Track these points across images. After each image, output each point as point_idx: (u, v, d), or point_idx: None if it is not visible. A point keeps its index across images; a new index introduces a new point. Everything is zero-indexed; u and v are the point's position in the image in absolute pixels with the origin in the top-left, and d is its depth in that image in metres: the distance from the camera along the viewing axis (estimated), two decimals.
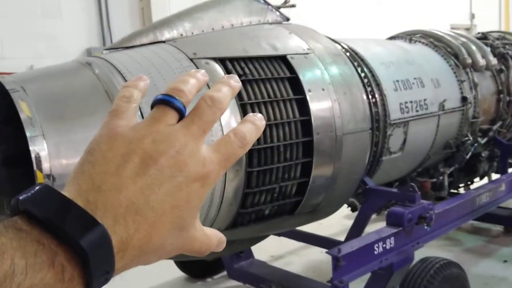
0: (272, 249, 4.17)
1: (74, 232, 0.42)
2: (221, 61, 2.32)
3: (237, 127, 0.55)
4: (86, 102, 1.91)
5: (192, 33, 2.50)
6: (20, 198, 0.43)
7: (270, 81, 2.43)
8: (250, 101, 2.30)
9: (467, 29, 11.22)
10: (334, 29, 7.33)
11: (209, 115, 0.53)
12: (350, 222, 3.17)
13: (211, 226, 2.30)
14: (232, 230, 2.43)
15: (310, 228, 3.20)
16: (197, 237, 0.52)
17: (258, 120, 0.56)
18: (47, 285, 0.40)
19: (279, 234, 3.52)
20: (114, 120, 0.52)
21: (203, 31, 2.53)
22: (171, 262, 3.68)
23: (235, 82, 0.58)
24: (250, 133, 0.55)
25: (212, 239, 0.55)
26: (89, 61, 2.10)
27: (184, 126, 0.51)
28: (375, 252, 2.49)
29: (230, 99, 0.56)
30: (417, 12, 10.03)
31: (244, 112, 2.27)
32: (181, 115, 0.53)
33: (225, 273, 3.67)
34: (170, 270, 3.80)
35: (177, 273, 3.85)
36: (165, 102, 0.53)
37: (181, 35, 2.46)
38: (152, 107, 0.54)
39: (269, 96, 2.38)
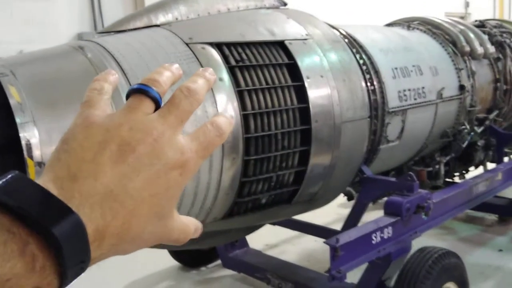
0: (266, 238, 4.14)
1: (47, 221, 0.41)
2: (218, 46, 2.25)
3: (213, 118, 0.55)
4: (78, 87, 1.83)
5: (188, 17, 2.43)
6: None
7: (267, 67, 2.37)
8: (247, 88, 2.24)
9: (462, 17, 11.16)
10: (330, 15, 7.25)
11: (186, 105, 0.53)
12: (344, 211, 3.15)
13: (207, 216, 2.26)
14: (229, 219, 2.39)
15: (304, 216, 3.16)
16: (175, 226, 0.52)
17: (208, 74, 0.58)
18: (17, 275, 0.39)
19: (274, 223, 3.48)
20: (88, 110, 0.52)
21: (198, 15, 2.45)
22: (165, 251, 3.64)
23: (210, 74, 0.58)
24: (225, 124, 0.55)
25: (190, 227, 0.55)
26: (81, 45, 2.03)
27: (161, 116, 0.51)
28: (373, 242, 2.46)
29: (206, 91, 0.56)
30: (411, 1, 9.96)
31: (241, 99, 2.21)
32: (157, 105, 0.53)
33: (219, 262, 3.63)
34: (163, 260, 3.76)
35: (171, 262, 3.81)
36: (141, 91, 0.52)
37: (176, 19, 2.38)
38: (127, 97, 0.54)
39: (266, 83, 2.32)
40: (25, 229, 0.41)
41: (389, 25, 4.07)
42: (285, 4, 2.86)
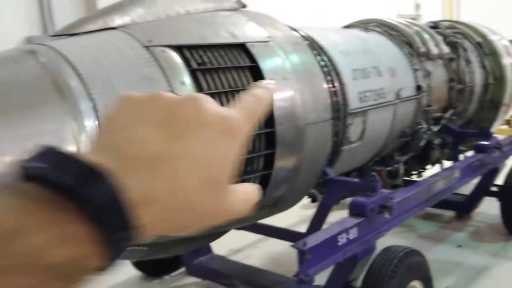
0: (230, 243, 4.08)
1: (78, 183, 0.39)
2: (178, 48, 2.19)
3: (250, 91, 0.55)
4: (31, 94, 1.74)
5: (146, 19, 2.35)
6: (22, 161, 0.40)
7: (230, 70, 2.33)
8: (210, 91, 2.19)
9: (413, 19, 11.49)
10: (288, 17, 7.28)
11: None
12: (307, 212, 3.14)
13: None
14: None
15: (267, 219, 3.14)
16: (234, 198, 0.49)
17: (267, 84, 0.57)
18: (53, 244, 0.37)
19: (238, 228, 3.44)
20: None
21: (157, 17, 2.38)
22: (126, 261, 3.52)
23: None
24: (262, 91, 0.55)
25: (250, 191, 0.53)
26: (33, 48, 1.92)
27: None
28: (339, 244, 2.46)
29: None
30: (364, 2, 10.15)
31: None
32: None
33: (183, 269, 3.55)
34: (124, 269, 3.64)
35: (132, 272, 3.70)
36: None
37: (134, 21, 2.30)
38: None
39: (229, 86, 2.27)
40: (59, 197, 0.38)
41: (347, 27, 4.11)
42: (244, 6, 2.83)
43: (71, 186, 0.38)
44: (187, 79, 2.13)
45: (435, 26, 4.56)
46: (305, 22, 4.33)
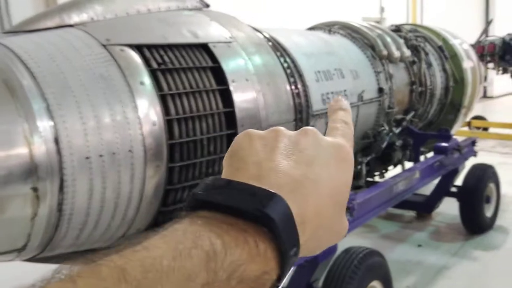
0: None
1: (257, 205, 0.43)
2: (138, 48, 2.14)
3: (334, 116, 0.59)
4: None
5: (104, 17, 2.29)
6: (196, 192, 0.45)
7: (191, 70, 2.30)
8: (170, 92, 2.15)
9: (378, 22, 11.68)
10: (251, 18, 7.28)
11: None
12: None
13: (129, 227, 2.14)
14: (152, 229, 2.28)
15: None
16: (345, 221, 0.53)
17: (343, 103, 0.61)
18: (246, 260, 0.41)
19: None
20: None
21: (116, 15, 2.32)
22: None
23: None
24: (345, 116, 0.59)
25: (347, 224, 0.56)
26: None
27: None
28: None
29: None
30: (330, 4, 10.26)
31: (164, 104, 2.12)
32: None
33: None
34: None
35: None
36: None
37: (92, 19, 2.24)
38: None
39: (191, 87, 2.24)
40: (239, 220, 0.43)
41: (311, 29, 4.13)
42: (207, 6, 2.80)
43: (255, 208, 0.43)
44: (146, 79, 2.08)
45: (397, 29, 4.65)
46: (270, 23, 4.34)
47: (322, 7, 9.85)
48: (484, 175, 4.26)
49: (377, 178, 4.47)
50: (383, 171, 4.49)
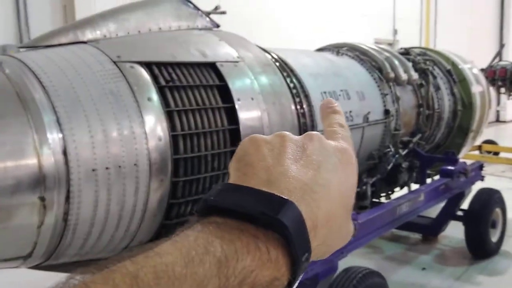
0: None
1: (270, 211, 0.43)
2: (147, 65, 2.22)
3: (329, 121, 0.59)
4: None
5: (117, 34, 2.38)
6: (207, 198, 0.46)
7: (198, 88, 2.36)
8: (177, 108, 2.22)
9: (390, 44, 11.76)
10: (263, 38, 7.39)
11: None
12: None
13: (132, 239, 2.19)
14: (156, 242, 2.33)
15: None
16: (351, 225, 0.53)
17: (335, 106, 0.62)
18: (257, 266, 0.41)
19: None
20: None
21: (128, 33, 2.42)
22: None
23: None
24: (341, 119, 0.60)
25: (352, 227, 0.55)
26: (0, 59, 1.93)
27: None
28: None
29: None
30: (343, 26, 10.37)
31: (171, 120, 2.19)
32: None
33: None
34: None
35: None
36: None
37: (105, 36, 2.33)
38: None
39: (197, 104, 2.31)
40: (251, 225, 0.43)
41: (319, 50, 4.20)
42: (217, 26, 2.88)
43: (268, 215, 0.42)
44: (154, 95, 2.16)
45: (406, 52, 4.70)
46: (282, 44, 4.42)
47: (335, 29, 9.96)
48: (490, 200, 4.25)
49: (383, 200, 4.48)
50: (389, 192, 4.50)
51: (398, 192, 4.32)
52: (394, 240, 4.76)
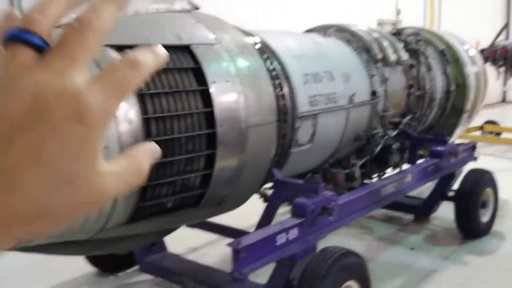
0: (190, 241, 4.14)
1: None
2: (119, 48, 2.23)
3: (128, 53, 0.45)
4: None
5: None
6: None
7: (172, 71, 2.38)
8: (149, 92, 2.23)
9: (393, 24, 11.62)
10: (260, 20, 7.35)
11: (77, 41, 0.42)
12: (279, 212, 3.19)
13: (108, 221, 2.23)
14: (132, 224, 2.37)
15: (232, 218, 3.19)
16: (105, 181, 0.43)
17: (157, 48, 0.47)
18: None
19: (192, 226, 3.49)
20: None
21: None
22: (81, 257, 3.56)
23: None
24: (144, 55, 0.45)
25: (135, 165, 0.46)
26: None
27: (43, 62, 0.41)
28: (277, 243, 2.52)
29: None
30: (345, 7, 10.26)
31: (143, 104, 2.21)
32: (42, 50, 0.42)
33: (137, 267, 3.59)
34: (79, 265, 3.67)
35: (87, 268, 3.73)
36: (15, 39, 0.41)
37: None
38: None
39: (170, 87, 2.33)
40: None
41: (308, 31, 4.18)
42: (197, 8, 2.88)
43: None
44: None
45: (398, 33, 4.65)
46: (286, 26, 4.38)
47: (337, 10, 9.86)
48: (480, 180, 4.24)
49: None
50: (381, 173, 4.50)
51: (391, 173, 4.32)
52: (386, 221, 4.78)
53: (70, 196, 0.41)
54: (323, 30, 4.00)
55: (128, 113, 2.13)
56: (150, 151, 0.47)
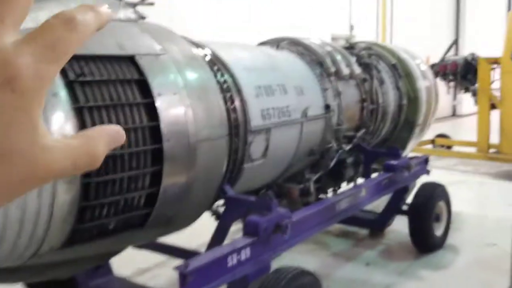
0: (138, 262, 3.93)
1: None
2: None
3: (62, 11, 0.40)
4: None
5: (25, 26, 2.21)
6: None
7: (114, 83, 2.22)
8: (88, 105, 2.07)
9: (347, 39, 11.81)
10: (209, 33, 7.26)
11: (4, 1, 0.38)
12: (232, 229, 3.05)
13: (40, 246, 2.03)
14: (70, 248, 2.18)
15: (184, 235, 3.03)
16: (51, 157, 0.39)
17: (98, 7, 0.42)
18: None
19: (139, 247, 3.31)
20: None
21: (37, 24, 2.24)
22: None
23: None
24: (82, 13, 0.40)
25: (87, 146, 0.41)
26: None
27: None
28: (228, 265, 2.39)
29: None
30: (299, 21, 10.33)
31: (81, 119, 2.04)
32: None
33: None
34: None
35: None
36: None
37: None
38: None
39: (111, 100, 2.17)
40: None
41: (261, 44, 4.10)
42: (143, 18, 2.74)
43: None
44: (61, 91, 2.01)
45: (351, 47, 4.66)
46: (239, 39, 4.29)
47: (291, 24, 9.91)
48: (432, 194, 4.26)
49: (330, 195, 4.43)
50: (336, 188, 4.46)
51: (346, 187, 4.28)
52: (341, 236, 4.73)
53: (7, 171, 0.37)
54: (276, 43, 3.94)
55: (63, 128, 1.96)
56: (110, 134, 0.43)
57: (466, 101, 15.08)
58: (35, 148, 0.38)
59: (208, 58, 2.86)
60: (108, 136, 0.43)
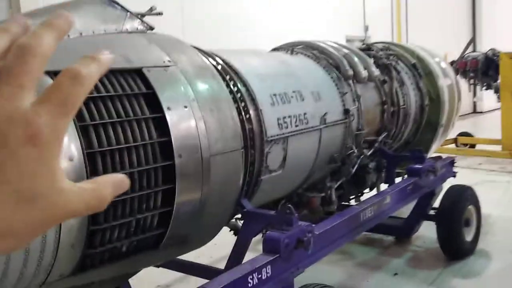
0: (157, 278, 3.82)
1: None
2: (56, 74, 1.96)
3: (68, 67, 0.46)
4: None
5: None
6: None
7: (121, 98, 2.11)
8: (93, 122, 1.96)
9: (362, 40, 11.62)
10: (223, 40, 7.15)
11: (21, 67, 0.43)
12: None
13: (49, 274, 1.91)
14: (81, 274, 2.07)
15: (207, 247, 2.89)
16: (66, 199, 0.44)
17: (99, 55, 0.48)
18: None
19: (157, 266, 3.19)
20: None
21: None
22: None
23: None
24: (85, 65, 0.46)
25: (98, 188, 0.47)
26: None
27: None
28: (250, 285, 2.25)
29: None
30: (313, 24, 10.18)
31: (86, 136, 1.93)
32: None
33: None
34: None
35: None
36: None
37: None
38: None
39: (118, 116, 2.05)
40: None
41: (274, 50, 3.97)
42: (151, 29, 2.63)
43: None
44: None
45: (368, 48, 4.50)
46: (248, 45, 4.18)
47: (305, 28, 9.76)
48: (461, 197, 4.06)
49: (353, 202, 4.26)
50: (359, 194, 4.29)
51: (369, 193, 4.11)
52: (366, 244, 4.55)
53: (31, 213, 0.43)
54: (290, 48, 3.79)
55: (68, 148, 1.85)
56: (116, 181, 0.49)
57: (487, 97, 14.74)
58: (54, 192, 0.43)
59: (219, 67, 2.73)
60: (114, 183, 0.49)
